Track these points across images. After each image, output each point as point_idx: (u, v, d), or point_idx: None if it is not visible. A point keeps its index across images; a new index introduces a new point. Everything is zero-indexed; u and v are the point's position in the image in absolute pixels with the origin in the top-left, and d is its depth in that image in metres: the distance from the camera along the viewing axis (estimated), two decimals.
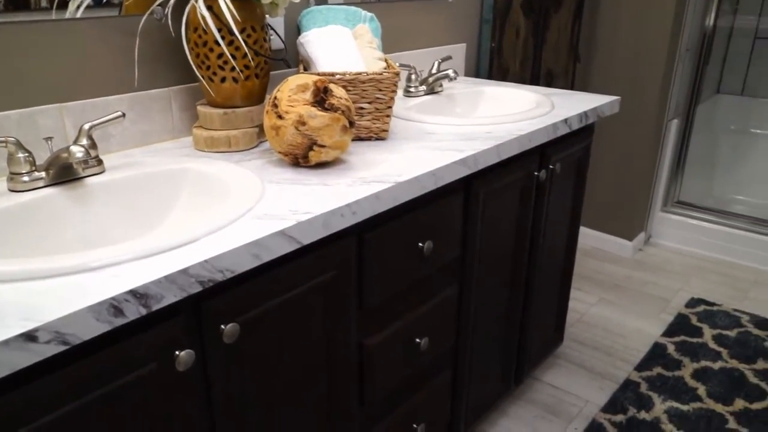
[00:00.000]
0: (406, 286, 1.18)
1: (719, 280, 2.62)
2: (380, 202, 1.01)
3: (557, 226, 1.72)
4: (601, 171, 2.78)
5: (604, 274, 2.68)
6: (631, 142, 2.66)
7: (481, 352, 1.53)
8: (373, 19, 1.45)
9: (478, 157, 1.21)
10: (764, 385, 1.95)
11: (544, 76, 2.36)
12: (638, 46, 2.53)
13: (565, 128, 1.49)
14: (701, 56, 2.73)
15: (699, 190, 3.14)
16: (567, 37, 2.44)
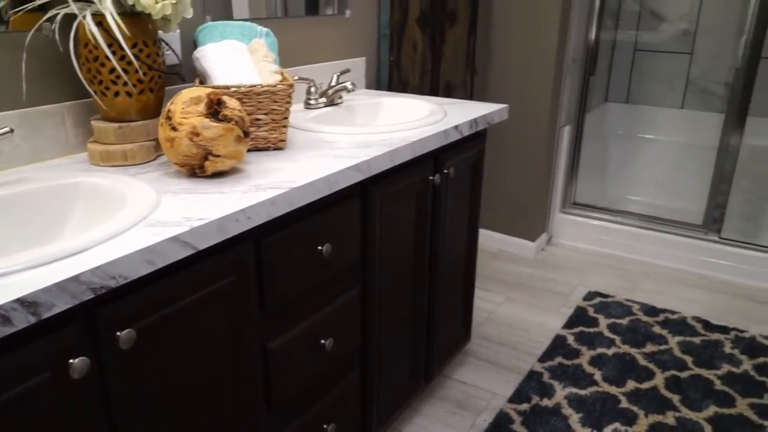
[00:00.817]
0: (308, 288, 1.22)
1: (613, 274, 2.82)
2: (276, 206, 1.05)
3: (456, 227, 1.82)
4: (503, 176, 2.93)
5: (510, 274, 2.82)
6: (528, 148, 2.83)
7: (390, 351, 1.59)
8: (269, 34, 1.49)
9: (372, 162, 1.28)
10: (652, 366, 2.12)
11: (443, 88, 2.48)
12: (529, 59, 2.71)
13: (457, 134, 1.58)
14: (587, 67, 2.94)
15: (594, 191, 3.36)
16: (463, 50, 2.57)
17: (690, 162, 3.32)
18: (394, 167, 1.39)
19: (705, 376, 2.08)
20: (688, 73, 3.36)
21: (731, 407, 1.92)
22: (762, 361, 2.17)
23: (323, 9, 1.87)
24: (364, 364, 1.49)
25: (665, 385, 2.03)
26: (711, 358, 2.18)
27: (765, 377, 2.08)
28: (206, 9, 1.50)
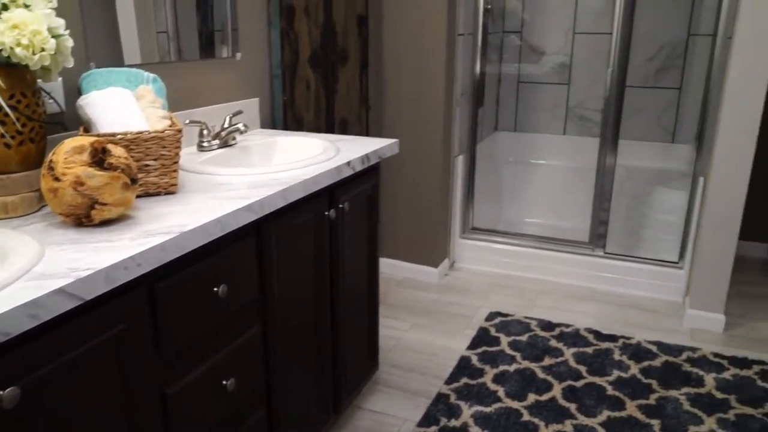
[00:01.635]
0: (206, 330, 1.23)
1: (513, 293, 2.96)
2: (166, 252, 1.06)
3: (357, 259, 1.87)
4: (404, 206, 3.03)
5: (416, 301, 2.90)
6: (425, 178, 2.95)
7: (296, 387, 1.60)
8: (156, 79, 1.50)
9: (264, 202, 1.31)
10: (550, 379, 2.24)
11: (338, 124, 2.55)
12: (420, 93, 2.84)
13: (349, 170, 1.65)
14: (475, 100, 3.12)
15: (492, 216, 3.53)
16: (356, 87, 2.67)
17: (575, 184, 3.57)
18: (288, 205, 1.42)
19: (598, 383, 2.22)
20: (567, 102, 3.63)
21: (622, 410, 2.07)
22: (647, 364, 2.35)
23: (215, 52, 1.89)
24: (270, 402, 1.50)
25: (563, 395, 2.15)
26: (603, 365, 2.33)
27: (650, 379, 2.25)
28: (90, 56, 1.49)
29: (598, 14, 3.42)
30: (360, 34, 2.65)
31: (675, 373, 2.29)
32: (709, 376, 2.27)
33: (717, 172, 2.52)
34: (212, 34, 1.88)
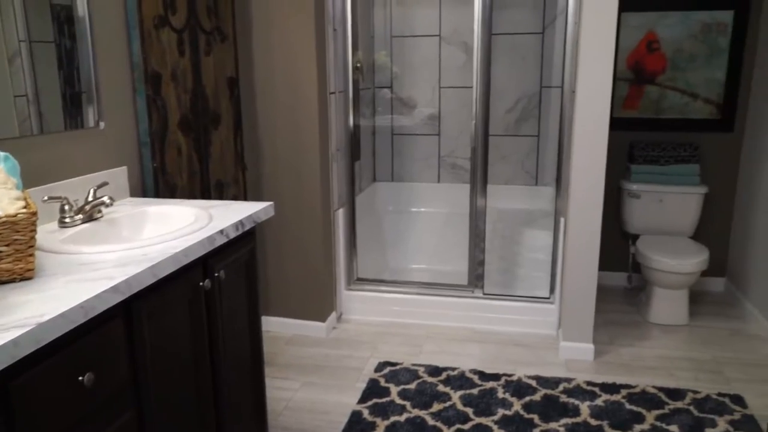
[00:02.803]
0: (72, 423, 1.15)
1: (400, 341, 3.02)
2: (20, 348, 0.99)
3: (238, 325, 1.84)
4: (288, 263, 3.02)
5: (306, 358, 2.87)
6: (307, 234, 2.97)
7: None
8: (7, 158, 1.43)
9: (132, 281, 1.27)
10: (440, 425, 2.29)
11: (214, 187, 2.52)
12: (296, 151, 2.88)
13: (223, 238, 1.63)
14: (351, 154, 3.21)
15: (376, 265, 3.60)
16: (231, 148, 2.66)
17: (452, 228, 3.73)
18: (159, 280, 1.39)
19: (485, 423, 2.30)
20: (439, 152, 3.82)
21: None
22: (528, 399, 2.47)
23: (78, 121, 1.83)
24: None
25: None
26: (488, 405, 2.42)
27: (532, 414, 2.36)
28: None
29: (460, 70, 3.66)
30: (232, 96, 2.66)
31: (554, 406, 2.42)
32: (583, 405, 2.42)
33: (574, 213, 2.75)
34: (77, 99, 1.82)
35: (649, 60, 3.45)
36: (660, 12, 3.38)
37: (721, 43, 3.36)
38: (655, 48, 3.43)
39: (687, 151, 3.40)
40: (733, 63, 3.37)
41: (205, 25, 2.42)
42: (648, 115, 3.52)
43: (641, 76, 3.49)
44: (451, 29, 3.65)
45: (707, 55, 3.39)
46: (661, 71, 3.46)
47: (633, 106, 3.52)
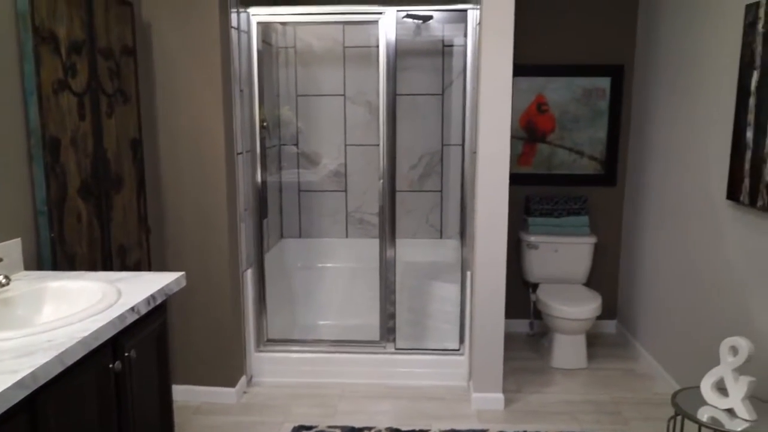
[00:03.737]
0: None
1: (314, 403, 2.96)
2: None
3: (148, 404, 1.74)
4: (195, 329, 2.91)
5: (214, 427, 2.75)
6: (215, 298, 2.88)
7: None
8: None
9: (38, 373, 1.18)
10: None
11: (116, 253, 2.41)
12: (202, 213, 2.82)
13: (134, 315, 1.56)
14: (259, 212, 3.18)
15: (287, 323, 3.54)
16: (134, 211, 2.56)
17: (362, 283, 3.76)
18: (67, 368, 1.30)
19: None
20: (346, 207, 3.87)
21: None
22: None
23: None
24: None
25: None
26: None
27: None
28: None
29: (364, 128, 3.76)
30: (135, 157, 2.58)
31: None
32: None
33: (480, 265, 2.86)
34: None
35: (540, 120, 3.72)
36: (547, 77, 3.66)
37: (601, 106, 3.68)
38: (545, 109, 3.70)
39: (577, 204, 3.66)
40: (612, 124, 3.70)
41: (107, 88, 2.35)
42: (541, 171, 3.76)
43: (533, 135, 3.74)
44: (355, 89, 3.75)
45: (590, 117, 3.70)
46: (550, 131, 3.73)
47: (527, 162, 3.76)
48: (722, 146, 2.57)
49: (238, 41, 2.94)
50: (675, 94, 3.09)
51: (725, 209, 2.56)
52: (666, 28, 3.22)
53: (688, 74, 2.95)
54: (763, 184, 2.23)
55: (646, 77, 3.48)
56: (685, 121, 2.98)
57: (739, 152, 2.40)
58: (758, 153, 2.27)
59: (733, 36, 2.50)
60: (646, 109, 3.47)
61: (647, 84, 3.46)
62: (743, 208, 2.42)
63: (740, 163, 2.39)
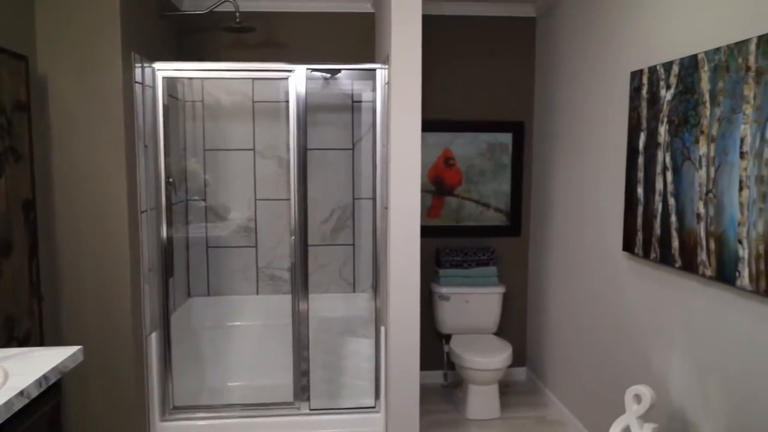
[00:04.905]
0: None
1: None
2: None
3: None
4: (93, 401, 2.70)
5: None
6: (116, 365, 2.69)
7: None
8: None
9: None
10: None
11: (3, 325, 2.21)
12: (103, 275, 2.65)
13: (23, 401, 1.42)
14: (164, 271, 3.03)
15: (194, 388, 3.36)
16: (25, 278, 2.37)
17: (274, 341, 3.65)
18: None
19: None
20: (256, 263, 3.78)
21: None
22: None
23: None
24: None
25: None
26: None
27: None
28: None
29: (275, 182, 3.72)
30: (27, 219, 2.40)
31: None
32: None
33: (394, 319, 2.86)
34: None
35: (448, 174, 3.83)
36: (453, 133, 3.80)
37: (505, 160, 3.85)
38: (452, 164, 3.82)
39: (485, 255, 3.76)
40: (515, 177, 3.87)
41: None
42: (450, 223, 3.86)
43: (442, 189, 3.84)
44: (265, 143, 3.72)
45: (494, 170, 3.86)
46: (458, 184, 3.84)
47: (437, 215, 3.85)
48: (617, 201, 2.75)
49: (143, 96, 2.85)
50: (571, 150, 3.29)
51: (622, 260, 2.72)
52: (560, 89, 3.44)
53: (583, 132, 3.15)
54: (654, 237, 2.39)
55: (545, 134, 3.69)
56: (581, 176, 3.16)
57: (632, 207, 2.56)
58: (649, 208, 2.43)
59: (621, 99, 2.71)
60: (546, 163, 3.66)
61: (546, 140, 3.67)
62: (638, 259, 2.57)
63: (633, 217, 2.56)
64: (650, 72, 2.42)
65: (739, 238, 1.91)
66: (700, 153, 2.11)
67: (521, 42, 3.85)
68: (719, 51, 2.01)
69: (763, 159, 1.82)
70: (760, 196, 1.82)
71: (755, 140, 1.85)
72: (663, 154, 2.34)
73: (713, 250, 2.04)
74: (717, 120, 2.02)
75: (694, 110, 2.14)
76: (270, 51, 3.68)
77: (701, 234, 2.10)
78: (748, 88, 1.88)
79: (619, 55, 2.75)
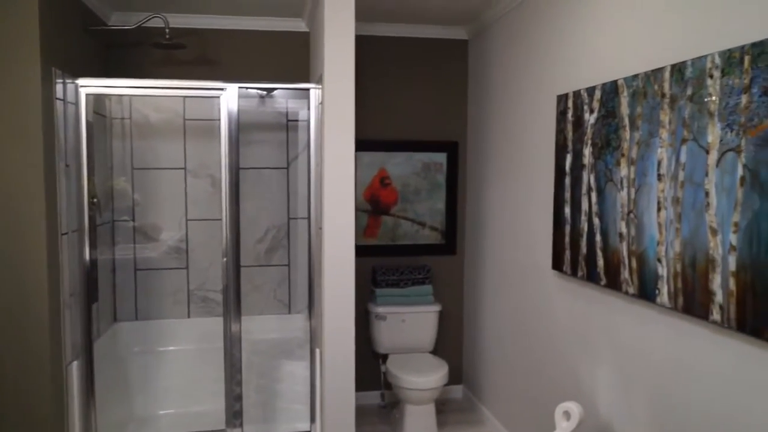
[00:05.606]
0: None
1: None
2: None
3: None
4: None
5: None
6: (32, 399, 2.54)
7: None
8: None
9: None
10: None
11: None
12: (17, 304, 2.50)
13: None
14: (88, 296, 2.89)
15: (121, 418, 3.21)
16: None
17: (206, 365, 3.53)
18: None
19: None
20: (188, 285, 3.66)
21: None
22: None
23: None
24: None
25: None
26: None
27: None
28: None
29: (207, 202, 3.63)
30: None
31: None
32: None
33: (329, 340, 2.82)
34: None
35: (383, 193, 3.84)
36: (389, 152, 3.82)
37: (440, 180, 3.90)
38: (388, 183, 3.84)
39: (421, 273, 3.78)
40: (450, 196, 3.92)
41: None
42: (386, 242, 3.86)
43: (378, 208, 3.85)
44: (197, 162, 3.63)
45: (429, 189, 3.89)
46: (393, 203, 3.86)
47: (373, 234, 3.85)
48: (546, 220, 2.82)
49: (65, 113, 2.73)
50: (504, 170, 3.36)
51: (552, 279, 2.78)
52: (492, 110, 3.52)
53: (514, 153, 3.22)
54: (581, 256, 2.46)
55: (478, 154, 3.76)
56: (513, 196, 3.23)
57: (560, 227, 2.63)
58: (576, 228, 2.50)
59: (548, 122, 2.79)
60: (480, 183, 3.73)
61: (479, 160, 3.74)
62: (567, 277, 2.64)
63: (561, 236, 2.62)
64: (575, 96, 2.51)
65: (658, 257, 1.99)
66: (622, 175, 2.19)
67: (455, 63, 3.92)
68: (637, 78, 2.10)
69: (678, 181, 1.90)
70: (677, 217, 1.90)
71: (671, 163, 1.93)
72: (588, 176, 2.42)
73: (635, 269, 2.11)
74: (636, 143, 2.10)
75: (616, 134, 2.22)
76: (203, 68, 3.61)
77: (624, 253, 2.18)
78: (663, 113, 1.96)
79: (546, 78, 2.83)
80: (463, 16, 3.62)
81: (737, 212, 1.67)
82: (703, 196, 1.80)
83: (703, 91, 1.80)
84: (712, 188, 1.76)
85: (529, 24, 3.02)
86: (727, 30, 1.74)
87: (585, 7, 2.49)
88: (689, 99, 1.85)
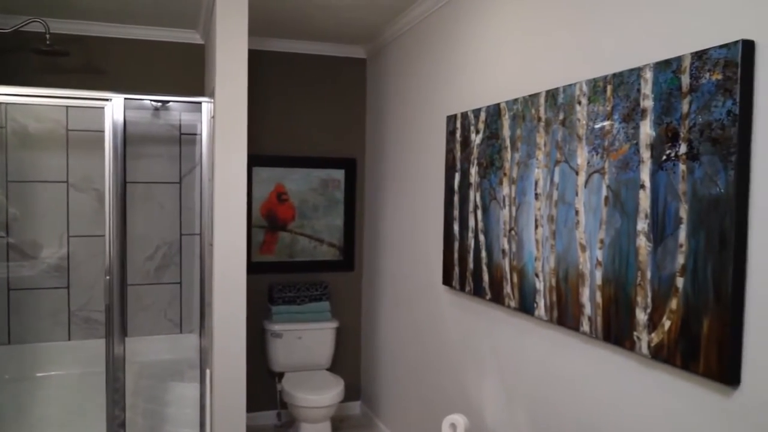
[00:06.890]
0: None
1: None
2: None
3: None
4: None
5: None
6: None
7: None
8: None
9: None
10: None
11: None
12: None
13: None
14: None
15: None
16: None
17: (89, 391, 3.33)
18: None
19: None
20: (69, 306, 3.45)
21: None
22: None
23: None
24: None
25: None
26: None
27: None
28: None
29: (92, 217, 3.45)
30: None
31: None
32: None
33: (219, 360, 2.74)
34: None
35: (280, 209, 3.80)
36: (286, 168, 3.79)
37: (338, 196, 3.91)
38: (285, 199, 3.80)
39: (318, 290, 3.76)
40: (348, 212, 3.94)
41: None
42: (283, 259, 3.82)
43: (274, 224, 3.80)
44: (80, 176, 3.44)
45: (327, 206, 3.90)
46: (291, 219, 3.83)
47: (270, 250, 3.79)
48: (438, 237, 2.89)
49: None
50: (399, 187, 3.42)
51: (443, 294, 2.85)
52: (389, 128, 3.59)
53: (409, 170, 3.29)
54: (469, 271, 2.54)
55: (375, 171, 3.81)
56: (408, 212, 3.30)
57: (449, 243, 2.71)
58: (464, 244, 2.59)
59: (439, 141, 2.87)
60: (377, 199, 3.77)
61: (376, 177, 3.79)
62: (456, 292, 2.72)
63: (450, 252, 2.70)
64: (462, 117, 2.60)
65: (536, 272, 2.09)
66: (504, 193, 2.29)
67: (353, 81, 3.97)
68: (517, 101, 2.21)
69: (552, 200, 2.01)
70: (552, 234, 2.01)
71: (546, 183, 2.04)
72: (474, 194, 2.51)
73: (516, 283, 2.21)
74: (516, 164, 2.21)
75: (499, 154, 2.32)
76: (90, 77, 3.44)
77: (506, 268, 2.27)
78: (539, 136, 2.08)
79: (437, 99, 2.92)
80: (360, 36, 3.67)
81: (602, 230, 1.79)
82: (573, 214, 1.91)
83: (573, 116, 1.92)
84: (582, 207, 1.88)
85: (422, 45, 3.11)
86: (594, 60, 1.87)
87: (474, 33, 2.59)
88: (561, 123, 1.97)
